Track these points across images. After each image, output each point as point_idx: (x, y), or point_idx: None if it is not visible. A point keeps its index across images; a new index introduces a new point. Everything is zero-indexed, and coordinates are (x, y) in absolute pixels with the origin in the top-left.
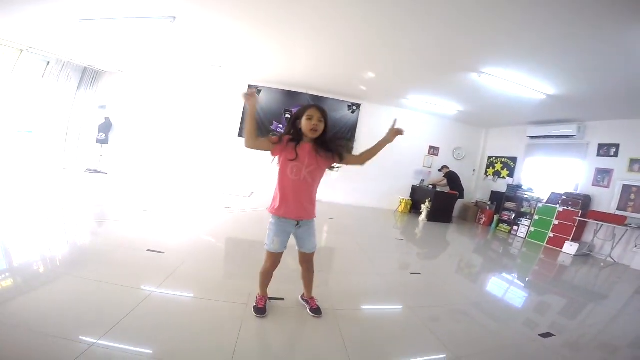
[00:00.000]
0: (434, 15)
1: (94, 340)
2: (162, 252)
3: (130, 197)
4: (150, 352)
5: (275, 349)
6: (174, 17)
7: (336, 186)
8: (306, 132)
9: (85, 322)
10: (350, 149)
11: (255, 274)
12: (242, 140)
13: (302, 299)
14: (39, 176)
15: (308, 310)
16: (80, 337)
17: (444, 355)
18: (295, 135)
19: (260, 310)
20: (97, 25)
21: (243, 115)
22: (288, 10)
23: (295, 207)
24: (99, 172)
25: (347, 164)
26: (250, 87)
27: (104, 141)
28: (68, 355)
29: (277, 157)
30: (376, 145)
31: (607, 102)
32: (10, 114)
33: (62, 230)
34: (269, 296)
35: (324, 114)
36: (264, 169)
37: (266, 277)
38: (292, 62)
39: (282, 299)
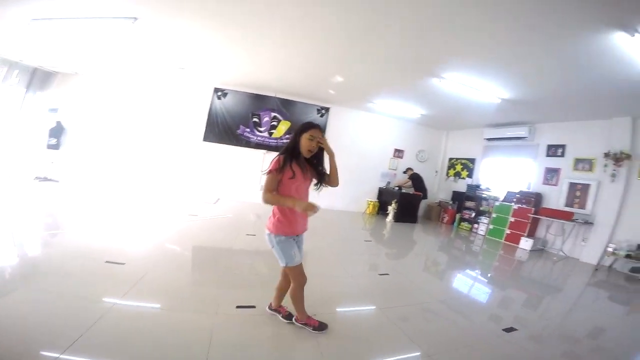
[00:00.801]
0: (398, 22)
1: (57, 355)
2: (123, 263)
3: (85, 206)
4: None
5: (248, 358)
6: (136, 18)
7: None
8: (304, 152)
9: (46, 336)
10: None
11: (223, 282)
12: (206, 145)
13: (271, 310)
14: None
15: (280, 317)
16: (42, 353)
17: (418, 353)
18: (295, 152)
19: (322, 326)
20: (51, 25)
21: (208, 118)
22: (254, 15)
23: (301, 224)
24: (50, 180)
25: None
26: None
27: (56, 147)
28: None
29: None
30: (330, 166)
31: (554, 106)
32: None
33: (10, 242)
34: (238, 304)
35: (323, 136)
36: (231, 175)
37: (299, 296)
38: (260, 66)
39: (254, 307)
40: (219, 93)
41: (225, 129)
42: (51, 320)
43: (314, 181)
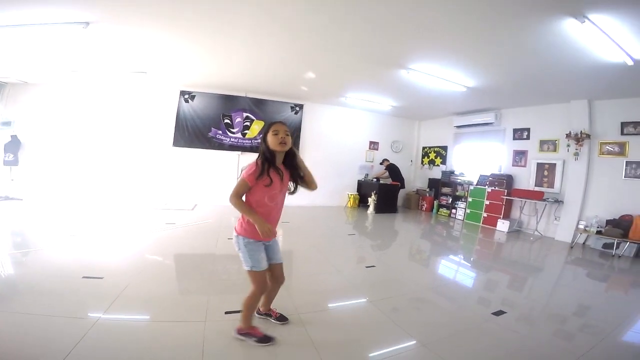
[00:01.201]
0: (361, 16)
1: None
2: (101, 277)
3: (53, 223)
4: None
5: None
6: (87, 23)
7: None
8: (275, 148)
9: (32, 358)
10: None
11: (209, 289)
12: (177, 150)
13: (260, 314)
14: None
15: (272, 320)
16: None
17: (413, 343)
18: (269, 155)
19: (267, 339)
20: None
21: (176, 122)
22: (214, 16)
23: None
24: (12, 198)
25: (306, 188)
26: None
27: (13, 162)
28: None
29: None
30: (302, 166)
31: (515, 92)
32: None
33: None
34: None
35: (287, 127)
36: (206, 179)
37: (255, 304)
38: (227, 66)
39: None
40: (186, 96)
41: (195, 132)
42: (34, 342)
43: (290, 188)
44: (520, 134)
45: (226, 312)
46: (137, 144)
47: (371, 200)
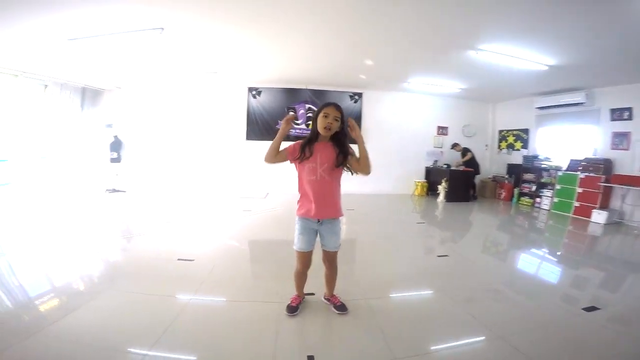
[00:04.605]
0: None
1: (145, 352)
2: (192, 260)
3: (152, 211)
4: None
5: (313, 344)
6: (162, 28)
7: (350, 177)
8: (320, 130)
9: (134, 334)
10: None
11: (282, 273)
12: (250, 143)
13: (325, 299)
14: (63, 201)
15: (332, 308)
16: (130, 350)
17: (486, 336)
18: (313, 134)
19: (292, 309)
20: (86, 43)
21: (247, 117)
22: (279, 8)
23: (315, 207)
24: (118, 190)
25: (355, 172)
26: (288, 109)
27: (117, 160)
28: None
29: (295, 163)
30: (359, 150)
31: (611, 68)
32: (21, 141)
33: (96, 249)
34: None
35: (340, 112)
36: (276, 169)
37: (300, 279)
38: (289, 60)
39: (313, 294)
40: (254, 92)
41: (265, 126)
42: (139, 317)
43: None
44: (620, 114)
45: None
46: (215, 139)
47: (441, 188)
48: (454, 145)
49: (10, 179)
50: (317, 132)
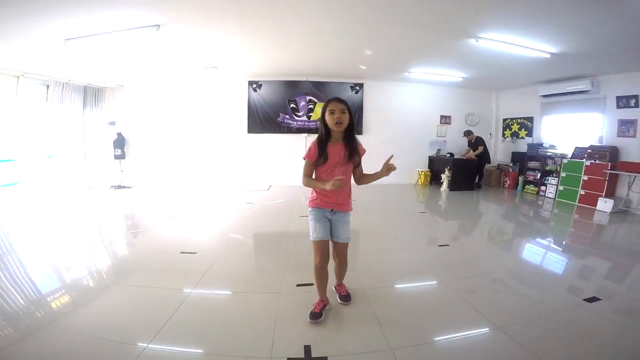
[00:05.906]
0: None
1: (146, 344)
2: (195, 253)
3: (156, 206)
4: (200, 351)
5: (311, 334)
6: (158, 25)
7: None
8: (332, 127)
9: (137, 326)
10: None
11: (284, 264)
12: (252, 136)
13: (335, 288)
14: (70, 198)
15: (337, 298)
16: (133, 342)
17: (488, 327)
18: (326, 134)
19: (315, 315)
20: (83, 43)
21: (248, 111)
22: (276, 7)
23: (332, 202)
24: (123, 187)
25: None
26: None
27: (122, 156)
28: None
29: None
30: (373, 175)
31: (617, 56)
32: (28, 141)
33: (103, 244)
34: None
35: (345, 104)
36: (278, 161)
37: (320, 275)
38: (288, 52)
39: (312, 285)
40: (254, 85)
41: (266, 118)
42: (143, 309)
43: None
44: (627, 101)
45: (297, 285)
46: (217, 133)
47: (444, 177)
48: (468, 133)
49: (19, 179)
50: (328, 131)
